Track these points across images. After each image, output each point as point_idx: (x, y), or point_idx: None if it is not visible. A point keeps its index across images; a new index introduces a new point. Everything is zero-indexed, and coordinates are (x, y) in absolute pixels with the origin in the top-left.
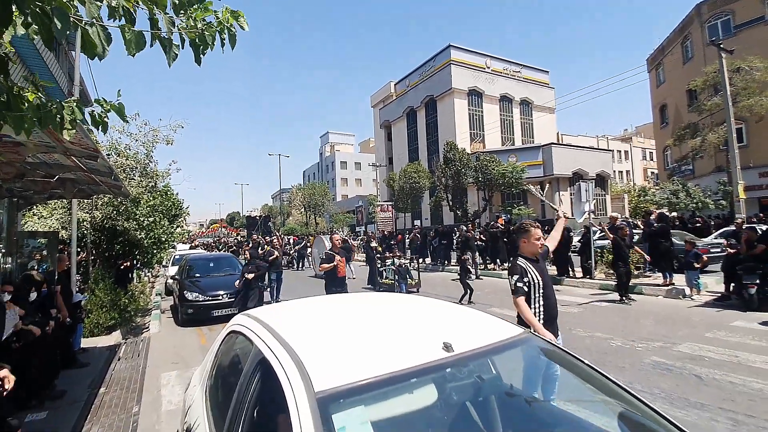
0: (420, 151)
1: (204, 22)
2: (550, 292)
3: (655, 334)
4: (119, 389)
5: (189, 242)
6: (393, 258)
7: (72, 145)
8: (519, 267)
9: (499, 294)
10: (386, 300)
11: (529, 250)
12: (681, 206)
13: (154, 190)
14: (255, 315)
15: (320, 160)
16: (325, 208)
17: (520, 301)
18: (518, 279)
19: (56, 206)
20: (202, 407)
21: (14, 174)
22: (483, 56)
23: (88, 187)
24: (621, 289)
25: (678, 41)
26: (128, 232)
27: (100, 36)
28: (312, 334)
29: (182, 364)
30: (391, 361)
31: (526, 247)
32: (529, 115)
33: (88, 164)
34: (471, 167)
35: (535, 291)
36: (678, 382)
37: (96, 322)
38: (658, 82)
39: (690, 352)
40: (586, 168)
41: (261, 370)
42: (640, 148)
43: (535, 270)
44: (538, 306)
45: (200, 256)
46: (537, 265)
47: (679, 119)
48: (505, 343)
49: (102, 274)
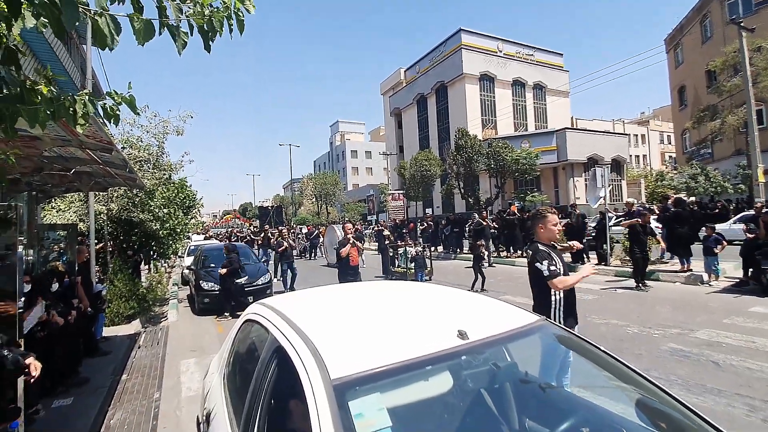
0: (431, 139)
1: (211, 7)
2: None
3: (672, 320)
4: (140, 376)
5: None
6: (405, 246)
7: (87, 139)
8: (544, 252)
9: (512, 281)
10: (400, 288)
11: (547, 236)
12: (699, 190)
13: (169, 182)
14: (270, 304)
15: (330, 150)
16: (336, 198)
17: (562, 279)
18: (548, 263)
19: (73, 199)
20: (221, 393)
21: (32, 168)
22: (495, 40)
23: (103, 180)
24: (637, 276)
25: (697, 20)
26: (144, 223)
27: (109, 26)
28: (326, 323)
29: (200, 351)
30: (406, 349)
31: (544, 234)
32: (542, 100)
33: (103, 157)
34: (483, 154)
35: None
36: (695, 368)
37: (116, 311)
38: (676, 63)
39: (707, 338)
40: (602, 153)
41: (277, 358)
42: (658, 131)
43: (555, 255)
44: (558, 295)
45: (215, 247)
46: (555, 251)
47: (698, 101)
48: (521, 331)
49: (120, 265)
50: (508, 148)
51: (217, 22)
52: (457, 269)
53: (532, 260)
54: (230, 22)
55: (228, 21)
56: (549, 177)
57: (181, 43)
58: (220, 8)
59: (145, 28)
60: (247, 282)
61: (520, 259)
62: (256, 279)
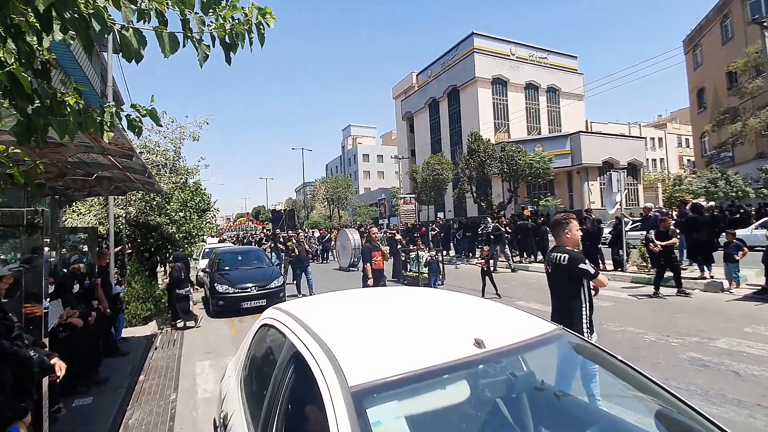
0: (443, 143)
1: (233, 20)
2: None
3: (691, 328)
4: (157, 377)
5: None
6: (417, 251)
7: (109, 145)
8: (580, 253)
9: (526, 287)
10: (415, 294)
11: (573, 241)
12: (719, 195)
13: (185, 187)
14: (286, 309)
15: (342, 153)
16: (348, 201)
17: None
18: (589, 263)
19: (93, 203)
20: (238, 397)
21: (56, 173)
22: (507, 43)
23: (123, 185)
24: (657, 283)
25: (717, 20)
26: (161, 226)
27: (136, 39)
28: (343, 329)
29: (215, 353)
30: (424, 357)
31: (570, 240)
32: (556, 103)
33: (123, 163)
34: (496, 158)
35: (586, 283)
36: (715, 378)
37: (133, 313)
38: (695, 64)
39: (728, 347)
40: (617, 156)
41: (295, 364)
42: (675, 134)
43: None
44: (586, 300)
45: (229, 250)
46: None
47: (718, 103)
48: (538, 340)
49: (138, 268)
50: (521, 151)
51: (240, 35)
52: (469, 274)
53: (573, 263)
54: (251, 35)
55: (249, 34)
56: (563, 181)
57: (203, 55)
58: (242, 20)
59: (170, 41)
60: (260, 285)
61: (534, 264)
62: (269, 282)
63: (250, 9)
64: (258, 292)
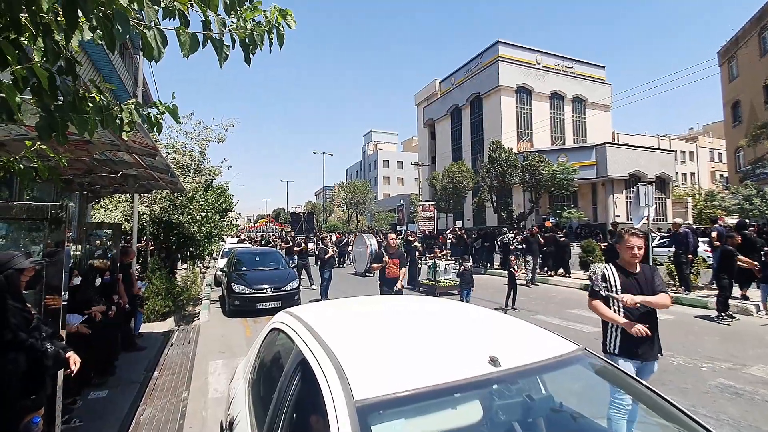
0: (464, 151)
1: (254, 22)
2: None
3: (722, 353)
4: (171, 374)
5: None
6: (434, 259)
7: (134, 144)
8: (601, 271)
9: (545, 301)
10: (430, 305)
11: (623, 257)
12: (754, 213)
13: (210, 188)
14: (297, 314)
15: (363, 159)
16: (367, 207)
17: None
18: (595, 283)
19: (120, 200)
20: (245, 402)
21: (84, 170)
22: (533, 52)
23: (147, 183)
24: (722, 303)
25: (755, 32)
26: (183, 225)
27: (156, 39)
28: (353, 338)
29: (228, 353)
30: (435, 373)
31: (621, 254)
32: (581, 113)
33: (147, 161)
34: (517, 167)
35: (614, 304)
36: (748, 407)
37: (152, 308)
38: (730, 76)
39: (763, 375)
40: (645, 170)
41: (301, 371)
42: (708, 148)
43: (619, 281)
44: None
45: (247, 250)
46: (625, 279)
47: (755, 117)
48: (557, 360)
49: (159, 264)
50: (545, 162)
51: (259, 36)
52: (487, 284)
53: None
54: (271, 36)
55: (269, 35)
56: (587, 193)
57: (223, 56)
58: (263, 23)
59: (190, 41)
60: (276, 287)
61: (554, 277)
62: (285, 284)
63: (272, 11)
64: (273, 294)
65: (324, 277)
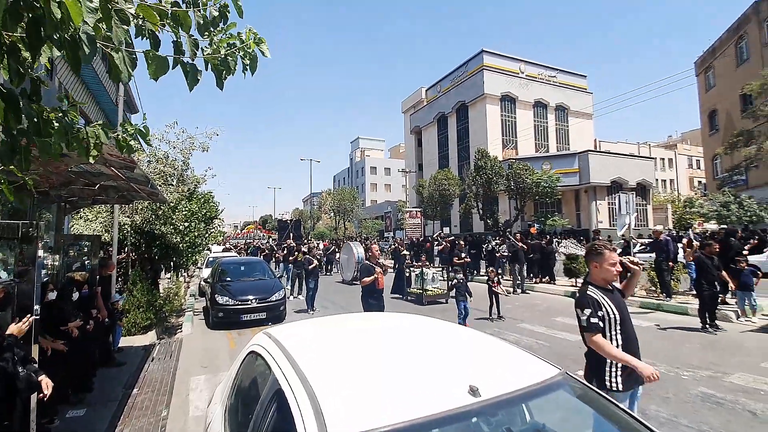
0: (450, 158)
1: (227, 47)
2: (630, 329)
3: (703, 361)
4: (150, 391)
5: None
6: (422, 267)
7: (111, 157)
8: (589, 298)
9: (530, 309)
10: (411, 325)
11: (602, 276)
12: (732, 219)
13: (193, 197)
14: (276, 336)
15: (350, 165)
16: (354, 213)
17: (598, 339)
18: (591, 313)
19: (100, 210)
20: (221, 428)
21: (61, 182)
22: (517, 61)
23: (128, 194)
24: (704, 315)
25: (731, 42)
26: (165, 236)
27: (125, 61)
28: (330, 365)
29: (211, 367)
30: (413, 406)
31: (598, 273)
32: (564, 121)
33: (126, 173)
34: (503, 175)
35: (611, 328)
36: (730, 417)
37: (133, 321)
38: (707, 86)
39: (743, 383)
40: (626, 176)
41: (277, 402)
42: (686, 155)
43: (609, 302)
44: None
45: (232, 260)
46: (612, 295)
47: (731, 126)
48: (539, 387)
49: (140, 275)
50: (529, 169)
51: (232, 61)
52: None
53: (576, 305)
54: (245, 61)
55: (243, 59)
56: (570, 200)
57: (192, 80)
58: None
59: (158, 65)
60: (261, 298)
61: (540, 284)
62: (270, 295)
63: (247, 33)
64: (258, 305)
65: (309, 287)
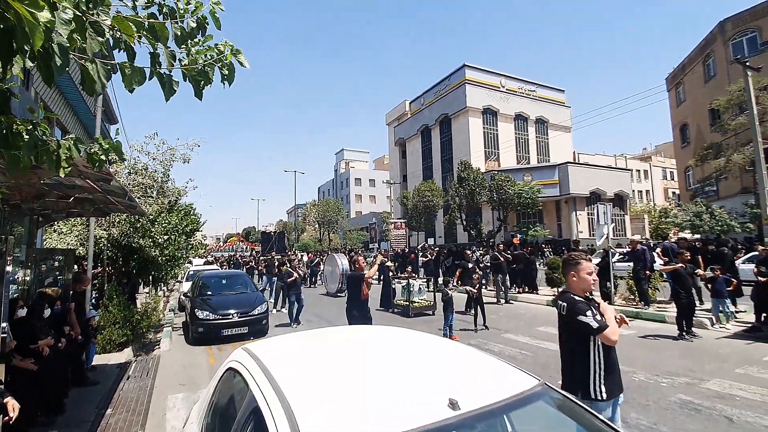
0: (434, 169)
1: (205, 58)
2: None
3: (681, 368)
4: (125, 411)
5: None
6: (408, 279)
7: (86, 169)
8: (583, 302)
9: (514, 319)
10: (391, 338)
11: (580, 287)
12: (704, 228)
13: (173, 209)
14: (254, 352)
15: (335, 177)
16: (339, 225)
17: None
18: (593, 314)
19: (75, 223)
20: None
21: (33, 194)
22: (498, 75)
23: (104, 206)
24: (681, 323)
25: (700, 59)
26: (143, 249)
27: (99, 73)
28: (309, 381)
29: (190, 385)
30: (391, 421)
31: (577, 284)
32: (544, 134)
33: (102, 186)
34: (485, 186)
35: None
36: (707, 424)
37: (108, 338)
38: (678, 101)
39: (719, 389)
40: (604, 187)
41: (254, 420)
42: (660, 167)
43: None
44: (597, 357)
45: (213, 274)
46: (591, 303)
47: (702, 139)
48: (518, 399)
49: (116, 290)
50: (511, 181)
51: (210, 71)
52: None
53: (570, 314)
54: (223, 72)
55: (221, 70)
56: (551, 211)
57: (169, 91)
58: (214, 58)
59: (135, 76)
60: (242, 312)
61: (523, 294)
62: (252, 309)
63: (223, 45)
64: (240, 319)
65: (290, 300)
